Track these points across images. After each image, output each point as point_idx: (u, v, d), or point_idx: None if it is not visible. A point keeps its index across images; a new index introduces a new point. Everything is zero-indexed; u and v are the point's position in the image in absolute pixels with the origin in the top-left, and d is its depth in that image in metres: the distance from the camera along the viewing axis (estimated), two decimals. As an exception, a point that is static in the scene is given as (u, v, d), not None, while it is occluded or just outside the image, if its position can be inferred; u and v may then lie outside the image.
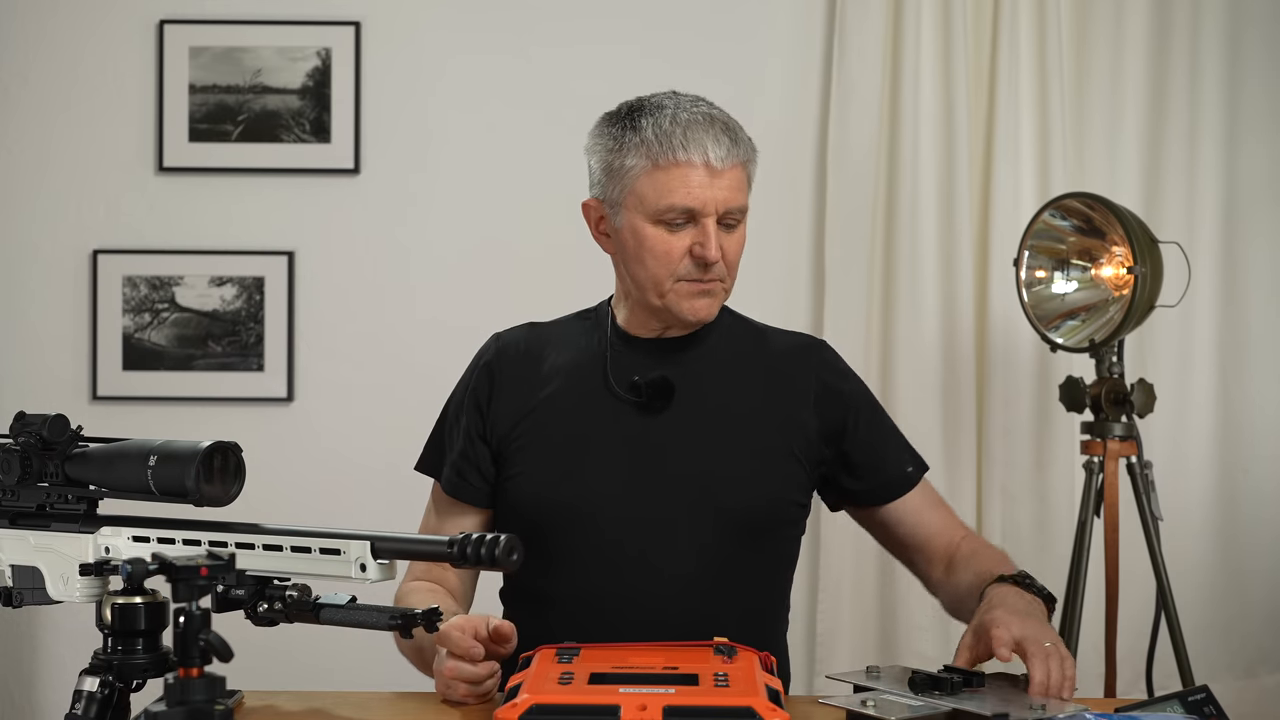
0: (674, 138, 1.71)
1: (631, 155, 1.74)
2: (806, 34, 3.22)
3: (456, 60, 3.22)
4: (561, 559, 1.75)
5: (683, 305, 1.76)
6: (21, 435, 1.40)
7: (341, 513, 3.06)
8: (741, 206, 1.76)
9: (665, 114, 1.74)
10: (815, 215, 3.22)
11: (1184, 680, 2.69)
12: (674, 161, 1.71)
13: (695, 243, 1.73)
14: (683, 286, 1.75)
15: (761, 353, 1.87)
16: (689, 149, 1.71)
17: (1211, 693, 1.39)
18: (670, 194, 1.72)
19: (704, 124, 1.73)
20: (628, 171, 1.74)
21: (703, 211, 1.72)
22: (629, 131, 1.75)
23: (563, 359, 1.85)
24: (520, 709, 1.34)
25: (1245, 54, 3.22)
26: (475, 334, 1.98)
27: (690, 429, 1.78)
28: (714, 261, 1.73)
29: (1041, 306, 2.81)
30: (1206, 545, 3.21)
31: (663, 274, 1.75)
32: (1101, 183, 3.12)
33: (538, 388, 1.83)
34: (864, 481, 1.86)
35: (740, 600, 1.78)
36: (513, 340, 1.89)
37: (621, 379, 1.80)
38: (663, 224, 1.73)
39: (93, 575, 1.38)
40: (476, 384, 1.86)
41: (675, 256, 1.74)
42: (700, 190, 1.71)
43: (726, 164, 1.73)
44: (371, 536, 1.30)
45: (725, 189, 1.73)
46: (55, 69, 3.20)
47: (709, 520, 1.76)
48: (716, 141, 1.72)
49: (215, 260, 3.19)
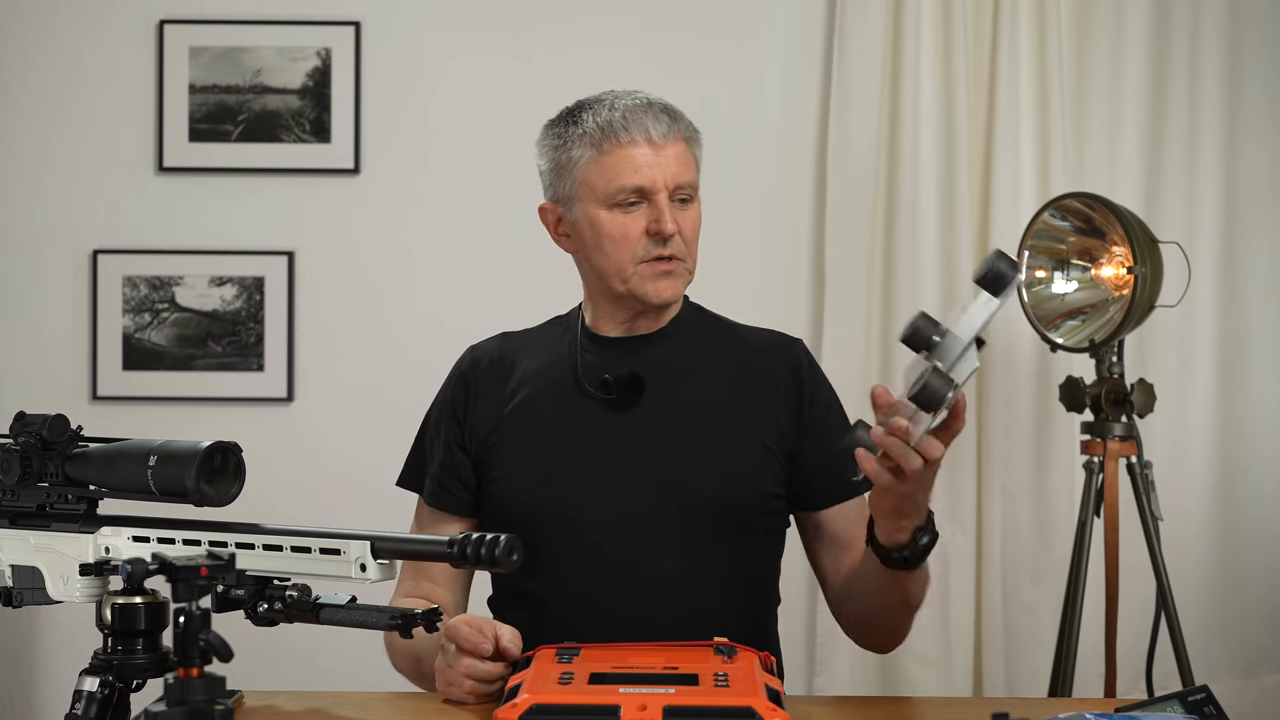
0: (613, 123, 1.77)
1: (576, 148, 1.79)
2: (806, 34, 3.22)
3: (456, 60, 3.22)
4: (546, 561, 1.75)
5: (646, 288, 1.79)
6: (21, 435, 1.40)
7: (341, 513, 3.05)
8: (691, 182, 1.80)
9: (603, 105, 1.79)
10: (815, 215, 3.22)
11: (1184, 680, 2.70)
12: (617, 144, 1.76)
13: (650, 220, 1.76)
14: (645, 268, 1.78)
15: (733, 349, 1.89)
16: (630, 129, 1.76)
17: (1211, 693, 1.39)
18: (619, 175, 1.76)
19: (641, 107, 1.78)
20: (575, 164, 1.79)
21: (653, 188, 1.76)
22: (571, 127, 1.81)
23: (535, 364, 1.88)
24: (520, 709, 1.34)
25: (1245, 54, 3.22)
26: (475, 334, 1.98)
27: (662, 424, 1.80)
28: (670, 234, 1.76)
29: (1041, 306, 2.81)
30: (1206, 545, 3.20)
31: (623, 257, 1.78)
32: (1101, 183, 3.12)
33: (512, 393, 1.86)
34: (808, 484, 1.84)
35: (726, 593, 1.78)
36: (486, 351, 1.92)
37: (592, 378, 1.82)
38: (617, 207, 1.77)
39: (93, 575, 1.38)
40: (453, 395, 1.89)
41: (633, 238, 1.77)
42: (648, 168, 1.76)
43: (669, 139, 1.77)
44: (371, 536, 1.30)
45: (672, 163, 1.77)
46: (55, 69, 3.20)
47: (687, 514, 1.77)
48: (656, 120, 1.77)
49: (215, 260, 3.19)
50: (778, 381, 1.85)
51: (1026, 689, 3.06)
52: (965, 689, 3.08)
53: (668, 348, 1.85)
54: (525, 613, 1.76)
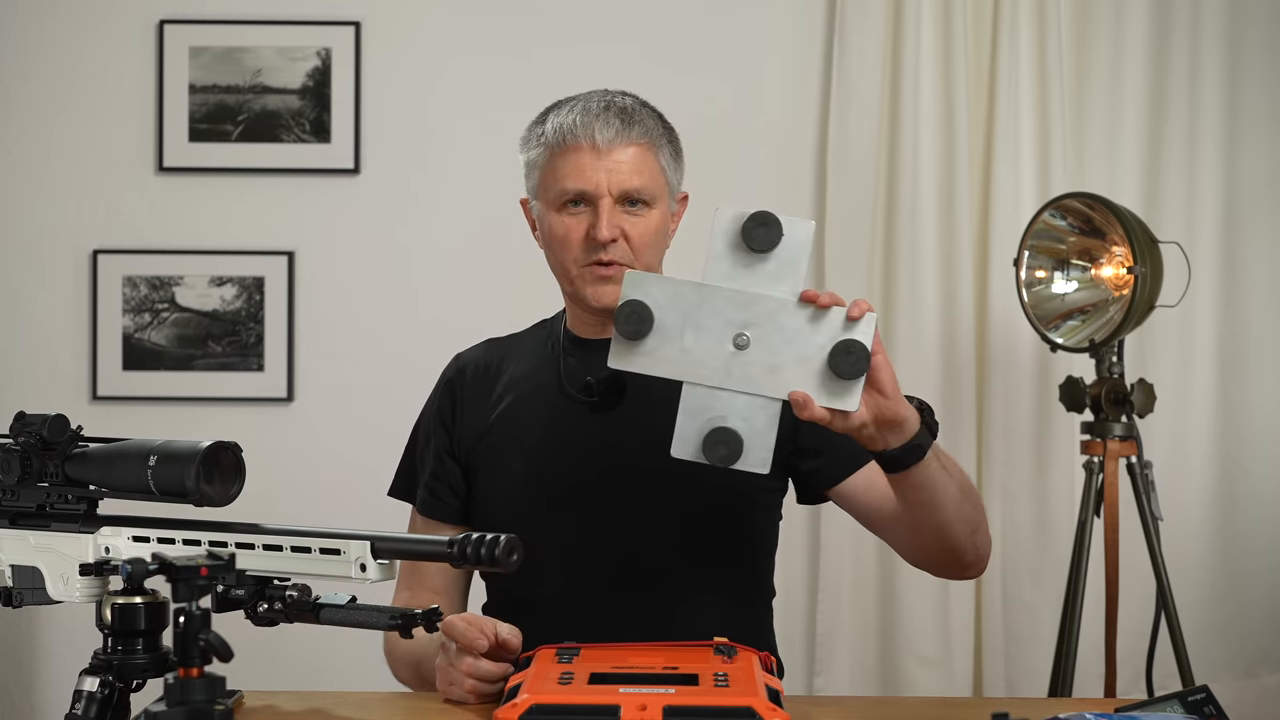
0: (564, 127, 1.78)
1: (536, 148, 1.82)
2: (806, 34, 3.23)
3: (456, 60, 3.22)
4: (537, 565, 1.74)
5: (587, 291, 1.79)
6: (21, 435, 1.40)
7: (341, 513, 3.04)
8: (640, 188, 1.77)
9: (565, 108, 1.81)
10: (815, 215, 3.22)
11: (1184, 680, 2.70)
12: (565, 148, 1.78)
13: (590, 224, 1.77)
14: (585, 272, 1.79)
15: None
16: (577, 134, 1.77)
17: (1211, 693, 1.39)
18: (563, 178, 1.78)
19: (597, 110, 1.78)
20: (535, 166, 1.83)
21: (595, 193, 1.76)
22: (537, 127, 1.83)
23: (519, 369, 1.89)
24: (520, 709, 1.34)
25: (1245, 54, 3.22)
26: (475, 334, 1.98)
27: (645, 424, 1.77)
28: (604, 240, 1.75)
29: (1041, 306, 2.81)
30: (1206, 545, 3.21)
31: (566, 259, 1.79)
32: (1101, 183, 3.12)
33: (498, 400, 1.87)
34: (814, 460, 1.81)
35: (719, 589, 1.78)
36: (471, 358, 1.93)
37: (574, 381, 1.83)
38: (563, 210, 1.79)
39: (93, 575, 1.38)
40: (441, 404, 1.90)
41: (574, 241, 1.78)
42: (589, 172, 1.76)
43: (615, 144, 1.76)
44: (371, 536, 1.30)
45: (616, 169, 1.76)
46: (55, 69, 3.20)
47: (675, 512, 1.77)
48: (605, 125, 1.77)
49: (215, 260, 3.19)
50: None
51: (1026, 689, 3.06)
52: (965, 689, 3.08)
53: None
54: (518, 618, 1.76)
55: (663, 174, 1.81)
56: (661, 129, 1.82)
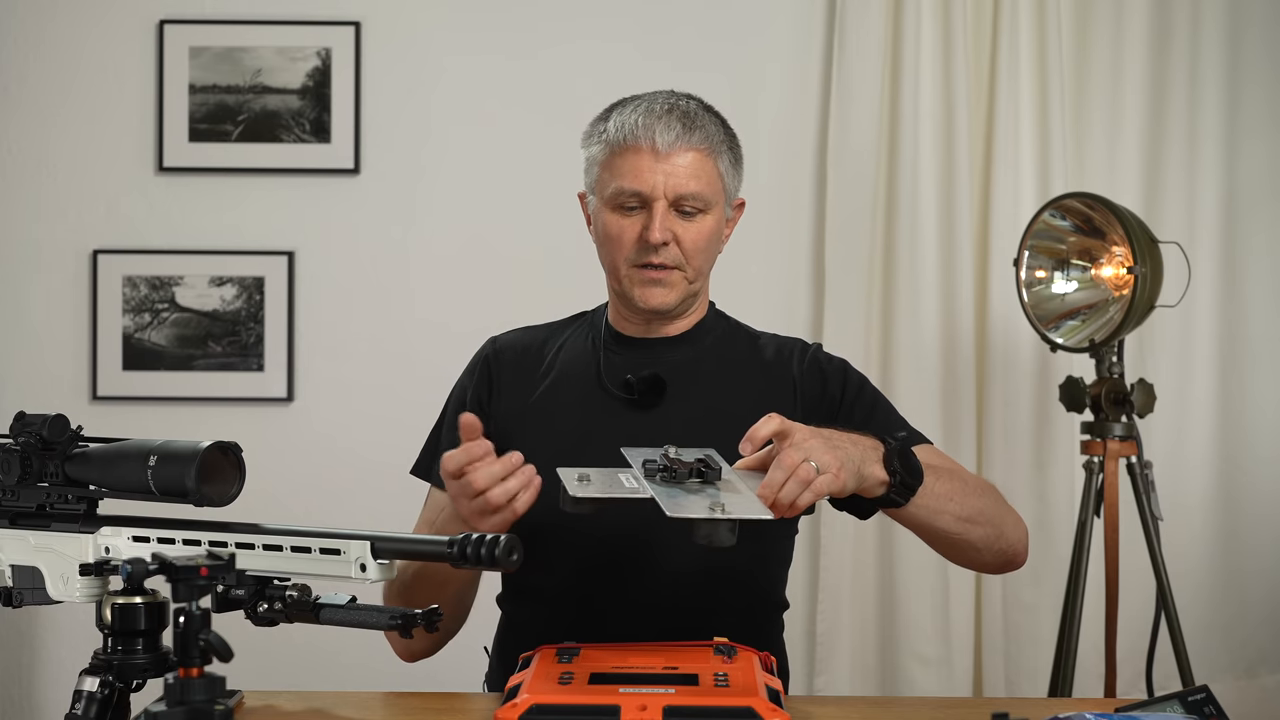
0: (626, 127, 1.79)
1: (597, 145, 1.83)
2: (806, 34, 3.22)
3: (456, 60, 3.22)
4: (558, 558, 1.75)
5: (635, 291, 1.81)
6: (21, 435, 1.40)
7: (341, 513, 3.06)
8: (696, 193, 1.78)
9: (629, 107, 1.81)
10: (815, 215, 3.22)
11: (1184, 680, 2.70)
12: (625, 148, 1.78)
13: (644, 226, 1.78)
14: (635, 273, 1.80)
15: (754, 357, 1.89)
16: (638, 135, 1.78)
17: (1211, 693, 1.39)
18: (620, 178, 1.78)
19: (660, 113, 1.79)
20: (595, 162, 1.83)
21: (650, 195, 1.77)
22: (600, 124, 1.84)
23: (558, 358, 1.89)
24: (520, 709, 1.34)
25: (1245, 54, 3.22)
26: (475, 334, 1.98)
27: (680, 426, 1.79)
28: (656, 243, 1.76)
29: (1041, 306, 2.81)
30: (1206, 545, 3.21)
31: (617, 258, 1.81)
32: (1101, 183, 3.12)
33: (534, 386, 1.86)
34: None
35: (734, 598, 1.79)
36: (509, 342, 1.93)
37: (614, 377, 1.83)
38: (618, 209, 1.79)
39: (93, 575, 1.38)
40: (477, 385, 1.89)
41: (626, 241, 1.79)
42: (647, 174, 1.77)
43: (675, 147, 1.77)
44: (371, 536, 1.30)
45: (673, 173, 1.77)
46: (55, 69, 3.20)
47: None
48: (667, 128, 1.77)
49: (215, 260, 3.19)
50: (793, 384, 1.85)
51: (1026, 689, 3.06)
52: (965, 689, 3.08)
53: (691, 352, 1.86)
54: (534, 608, 1.77)
55: (720, 180, 1.82)
56: (723, 135, 1.83)
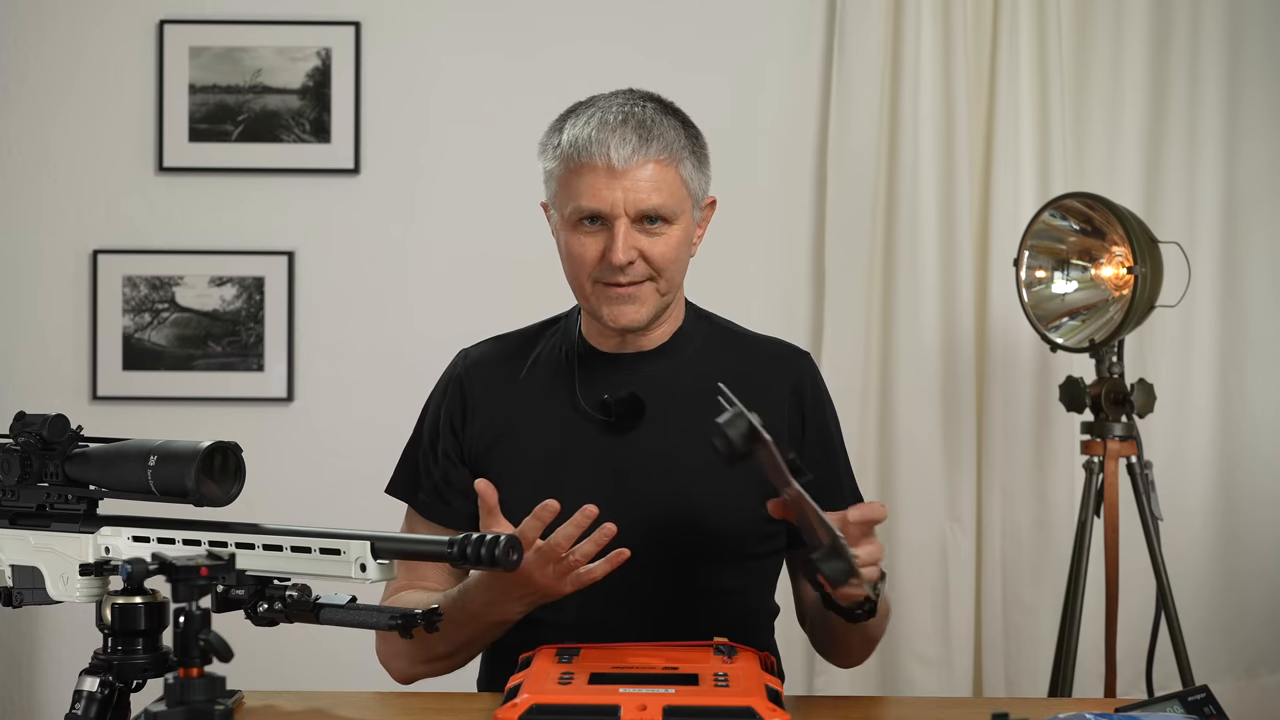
0: (579, 141, 1.70)
1: (552, 159, 1.75)
2: (806, 34, 3.22)
3: (456, 60, 3.22)
4: None
5: (603, 310, 1.74)
6: (21, 435, 1.40)
7: (341, 513, 3.04)
8: (658, 206, 1.70)
9: (582, 118, 1.73)
10: (815, 215, 3.22)
11: (1184, 680, 2.70)
12: (579, 165, 1.71)
13: (606, 246, 1.71)
14: (601, 290, 1.74)
15: (740, 363, 1.84)
16: (591, 151, 1.69)
17: (1211, 693, 1.39)
18: (577, 197, 1.71)
19: (614, 125, 1.70)
20: (552, 176, 1.76)
21: (610, 213, 1.70)
22: (555, 135, 1.76)
23: (532, 376, 1.84)
24: (520, 709, 1.34)
25: (1245, 54, 3.22)
26: (475, 334, 1.97)
27: (662, 447, 1.76)
28: (619, 264, 1.70)
29: (1041, 306, 2.81)
30: (1206, 545, 3.21)
31: (581, 276, 1.74)
32: (1101, 183, 3.12)
33: (510, 405, 1.82)
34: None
35: (722, 615, 1.77)
36: (480, 357, 1.88)
37: (590, 397, 1.78)
38: (579, 228, 1.73)
39: (93, 575, 1.38)
40: (449, 405, 1.85)
41: (589, 260, 1.72)
42: (604, 191, 1.69)
43: (631, 163, 1.69)
44: (371, 536, 1.30)
45: (632, 189, 1.69)
46: (55, 69, 3.20)
47: (684, 539, 1.75)
48: (622, 141, 1.69)
49: (215, 260, 3.19)
50: (781, 399, 1.82)
51: (1026, 689, 3.06)
52: (965, 689, 3.08)
53: (668, 365, 1.81)
54: (523, 636, 1.74)
55: (684, 187, 1.74)
56: (684, 139, 1.75)
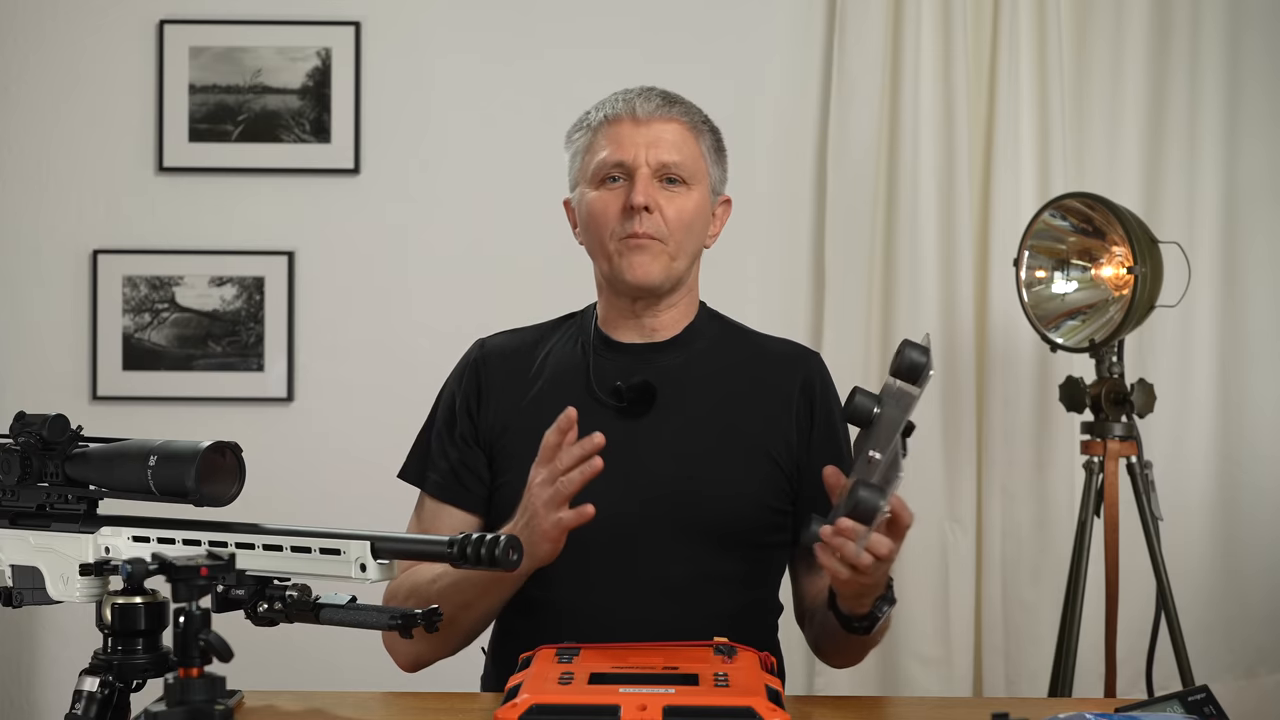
0: (607, 105, 1.82)
1: (578, 135, 1.84)
2: (806, 34, 3.22)
3: (457, 60, 3.22)
4: (552, 566, 1.74)
5: (621, 263, 1.79)
6: (21, 435, 1.40)
7: (341, 513, 3.03)
8: (679, 163, 1.79)
9: (611, 96, 1.84)
10: (815, 215, 3.22)
11: (1184, 680, 2.70)
12: (605, 123, 1.81)
13: (627, 195, 1.78)
14: (620, 245, 1.79)
15: (751, 361, 1.88)
16: (618, 109, 1.81)
17: (1211, 693, 1.39)
18: (601, 150, 1.80)
19: (639, 90, 1.82)
20: (579, 152, 1.84)
21: (633, 163, 1.78)
22: (581, 120, 1.86)
23: (547, 363, 1.87)
24: (520, 709, 1.34)
25: (1245, 54, 3.22)
26: (475, 334, 1.98)
27: (672, 434, 1.78)
28: (639, 206, 1.76)
29: (1041, 306, 2.81)
30: (1206, 545, 3.20)
31: (604, 233, 1.80)
32: (1101, 183, 3.12)
33: (523, 392, 1.84)
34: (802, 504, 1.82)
35: (728, 604, 1.78)
36: (497, 345, 1.91)
37: (604, 383, 1.81)
38: (602, 185, 1.80)
39: (93, 575, 1.38)
40: (465, 389, 1.87)
41: (611, 214, 1.79)
42: (628, 143, 1.78)
43: (655, 115, 1.79)
44: (371, 536, 1.30)
45: (655, 142, 1.78)
46: (55, 69, 3.20)
47: (693, 526, 1.76)
48: (647, 100, 1.81)
49: (215, 260, 3.19)
50: (790, 396, 1.85)
51: (1026, 689, 3.06)
52: (965, 689, 3.08)
53: (681, 356, 1.85)
54: (531, 620, 1.75)
55: (703, 159, 1.83)
56: (704, 120, 1.85)
